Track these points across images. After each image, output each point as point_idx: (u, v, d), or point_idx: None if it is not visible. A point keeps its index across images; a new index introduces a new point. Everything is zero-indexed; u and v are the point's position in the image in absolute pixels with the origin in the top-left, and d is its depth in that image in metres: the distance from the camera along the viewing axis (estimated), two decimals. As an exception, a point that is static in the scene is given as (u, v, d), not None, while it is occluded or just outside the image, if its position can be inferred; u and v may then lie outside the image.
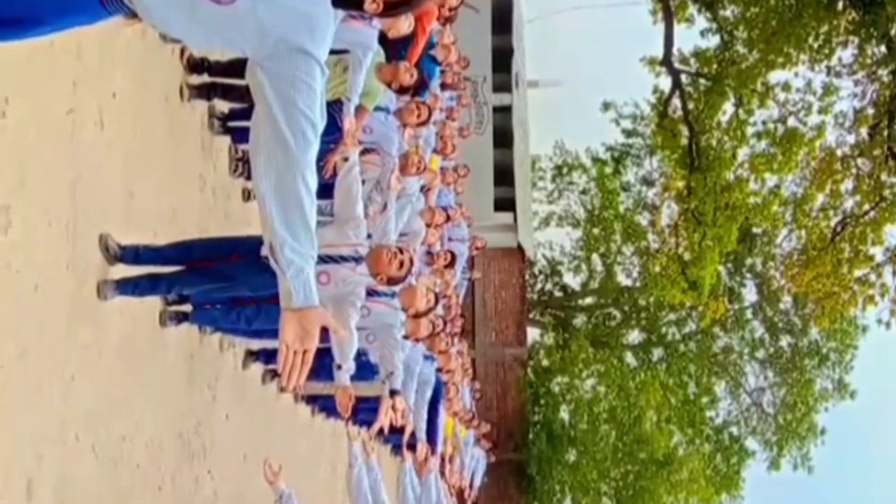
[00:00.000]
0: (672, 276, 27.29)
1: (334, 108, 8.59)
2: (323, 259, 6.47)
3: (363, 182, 9.58)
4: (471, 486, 18.17)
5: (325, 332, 7.53)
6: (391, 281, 6.66)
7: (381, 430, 8.87)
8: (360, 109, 8.17)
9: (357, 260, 6.58)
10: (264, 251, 6.32)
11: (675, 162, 26.38)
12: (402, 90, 8.16)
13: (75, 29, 3.43)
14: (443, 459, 13.14)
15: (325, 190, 9.87)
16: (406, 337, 8.10)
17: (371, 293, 7.75)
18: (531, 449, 30.98)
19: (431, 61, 9.92)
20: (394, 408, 8.32)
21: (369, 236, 7.61)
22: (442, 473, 12.89)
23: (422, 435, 10.68)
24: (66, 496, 5.33)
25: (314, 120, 3.05)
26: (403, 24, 7.25)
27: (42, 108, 5.23)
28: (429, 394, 10.98)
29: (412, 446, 13.90)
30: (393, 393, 8.29)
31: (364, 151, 9.27)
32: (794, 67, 23.26)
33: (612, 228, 36.63)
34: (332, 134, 8.94)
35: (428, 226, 10.45)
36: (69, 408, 5.47)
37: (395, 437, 16.44)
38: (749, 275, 35.93)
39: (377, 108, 8.92)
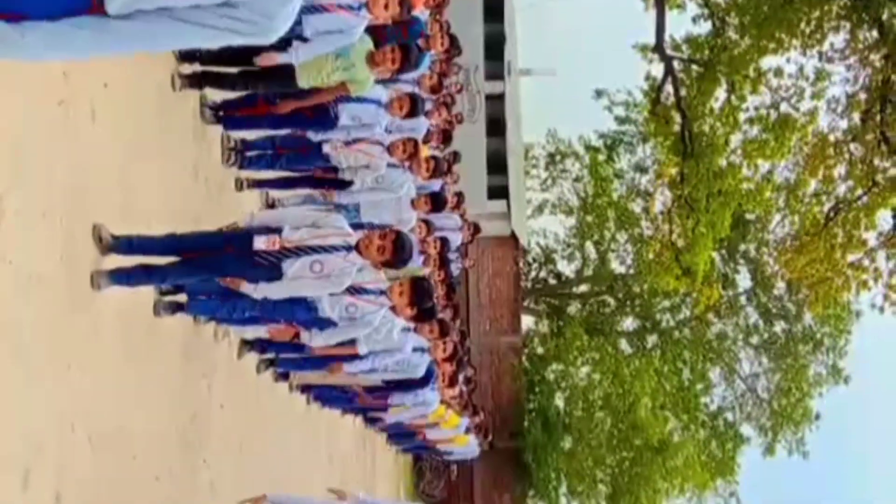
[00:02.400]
0: (666, 263, 27.26)
1: (331, 103, 8.67)
2: (315, 249, 6.52)
3: (357, 170, 9.67)
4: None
5: (320, 323, 7.56)
6: (387, 264, 6.74)
7: (373, 420, 9.01)
8: (341, 86, 8.21)
9: (348, 249, 6.63)
10: (257, 244, 6.39)
11: (667, 149, 26.34)
12: (394, 70, 8.18)
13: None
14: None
15: (317, 180, 9.95)
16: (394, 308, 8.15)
17: (360, 291, 7.84)
18: (526, 436, 31.01)
19: (420, 49, 9.92)
20: None
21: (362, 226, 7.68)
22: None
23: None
24: (62, 486, 5.34)
25: None
26: (380, 7, 7.31)
27: (33, 99, 5.23)
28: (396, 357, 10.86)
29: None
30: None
31: (356, 140, 9.36)
32: (787, 53, 23.21)
33: (606, 216, 36.63)
34: (327, 127, 9.01)
35: (419, 214, 10.50)
36: (65, 398, 5.48)
37: (391, 426, 16.52)
38: (742, 261, 35.96)
39: (368, 101, 8.96)
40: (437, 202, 10.93)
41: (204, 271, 6.78)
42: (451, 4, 12.52)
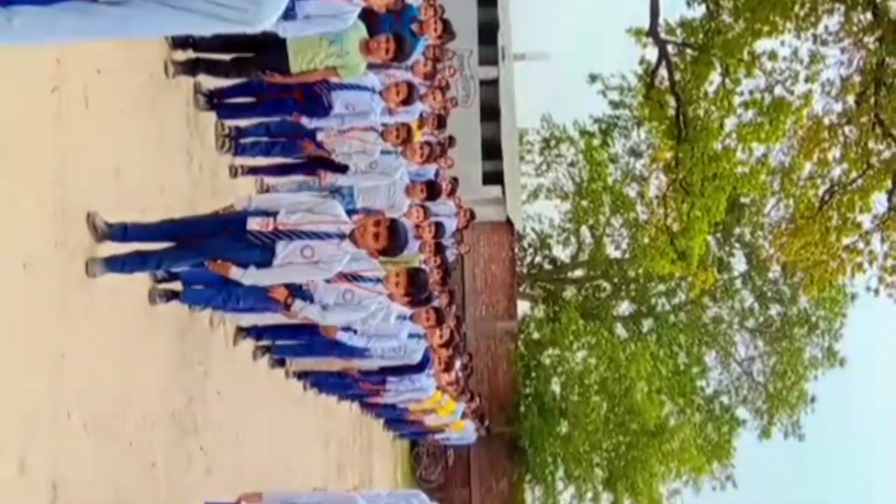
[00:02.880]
0: (661, 247, 27.26)
1: (322, 88, 8.65)
2: (308, 235, 6.50)
3: (351, 155, 9.65)
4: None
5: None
6: (382, 252, 6.71)
7: (369, 406, 9.04)
8: (332, 70, 8.18)
9: (341, 236, 6.60)
10: (250, 225, 6.35)
11: (662, 133, 26.31)
12: (388, 60, 8.16)
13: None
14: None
15: (311, 165, 9.93)
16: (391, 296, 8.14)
17: (356, 278, 7.84)
18: (523, 422, 31.04)
19: (413, 35, 9.91)
20: None
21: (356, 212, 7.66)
22: None
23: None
24: (58, 474, 5.34)
25: None
26: None
27: (27, 86, 5.21)
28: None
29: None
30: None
31: (349, 129, 9.35)
32: (781, 36, 23.18)
33: (601, 200, 36.59)
34: (320, 115, 8.99)
35: (412, 200, 10.49)
36: (60, 386, 5.48)
37: (383, 411, 16.55)
38: (738, 244, 35.98)
39: (363, 88, 8.94)
40: (432, 190, 10.92)
41: (199, 255, 6.75)
42: (445, -11, 12.49)
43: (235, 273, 6.58)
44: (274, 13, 3.88)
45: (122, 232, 6.26)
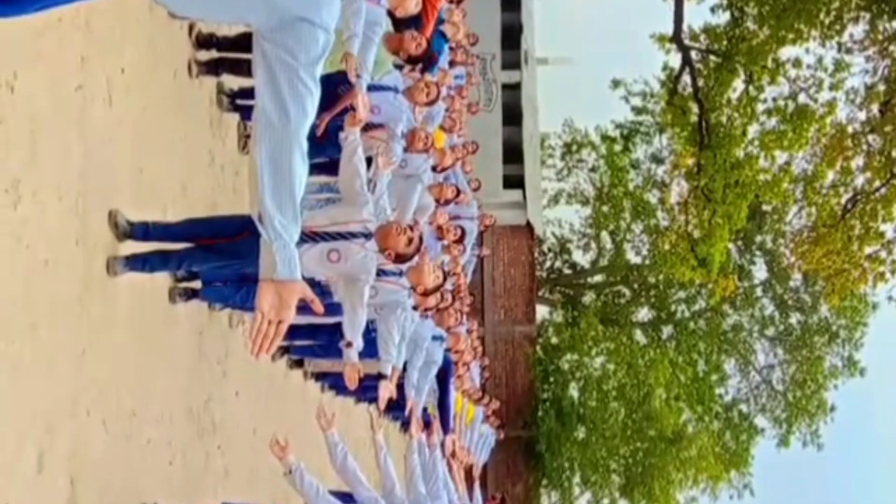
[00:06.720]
0: (681, 254, 27.24)
1: (338, 80, 8.56)
2: (333, 236, 6.48)
3: (370, 158, 9.58)
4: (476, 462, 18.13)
5: (334, 308, 7.50)
6: (399, 258, 6.66)
7: (385, 408, 8.97)
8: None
9: (367, 236, 6.58)
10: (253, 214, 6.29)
11: (684, 139, 26.30)
12: (410, 60, 8.12)
13: (81, 3, 3.40)
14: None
15: (334, 167, 9.88)
16: (415, 308, 8.09)
17: (379, 272, 7.78)
18: (540, 426, 31.04)
19: (440, 38, 9.89)
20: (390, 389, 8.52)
21: None
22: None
23: (418, 412, 10.69)
24: (76, 470, 5.36)
25: (314, 91, 3.04)
26: (411, 3, 7.24)
27: (51, 84, 5.23)
28: (433, 372, 10.99)
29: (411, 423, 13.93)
30: (381, 376, 8.41)
31: (371, 126, 9.25)
32: (805, 43, 23.15)
33: (622, 206, 36.57)
34: (332, 106, 8.91)
35: (437, 202, 10.44)
36: (80, 382, 5.49)
37: (400, 413, 16.54)
38: (759, 252, 35.87)
39: (385, 88, 8.88)
40: (453, 191, 10.89)
41: (220, 257, 6.76)
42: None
43: None
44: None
45: (144, 231, 6.26)
